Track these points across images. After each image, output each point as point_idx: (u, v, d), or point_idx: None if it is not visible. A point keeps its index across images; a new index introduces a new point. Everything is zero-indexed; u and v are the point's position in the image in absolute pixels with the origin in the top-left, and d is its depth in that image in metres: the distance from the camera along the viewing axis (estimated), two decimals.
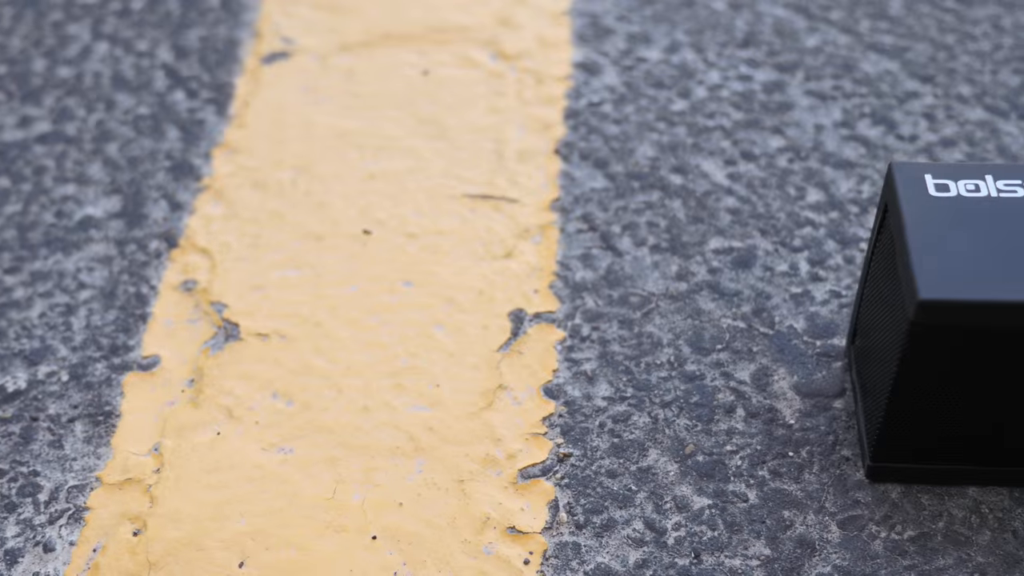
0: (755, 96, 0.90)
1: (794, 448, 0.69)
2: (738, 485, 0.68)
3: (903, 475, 0.67)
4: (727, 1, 0.97)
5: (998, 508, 0.66)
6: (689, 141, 0.87)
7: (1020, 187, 0.62)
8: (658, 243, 0.80)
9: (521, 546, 0.66)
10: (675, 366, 0.73)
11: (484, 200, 0.82)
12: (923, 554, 0.65)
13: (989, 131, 0.86)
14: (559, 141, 0.87)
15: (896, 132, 0.87)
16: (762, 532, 0.66)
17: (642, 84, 0.91)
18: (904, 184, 0.62)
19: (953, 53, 0.92)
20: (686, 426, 0.71)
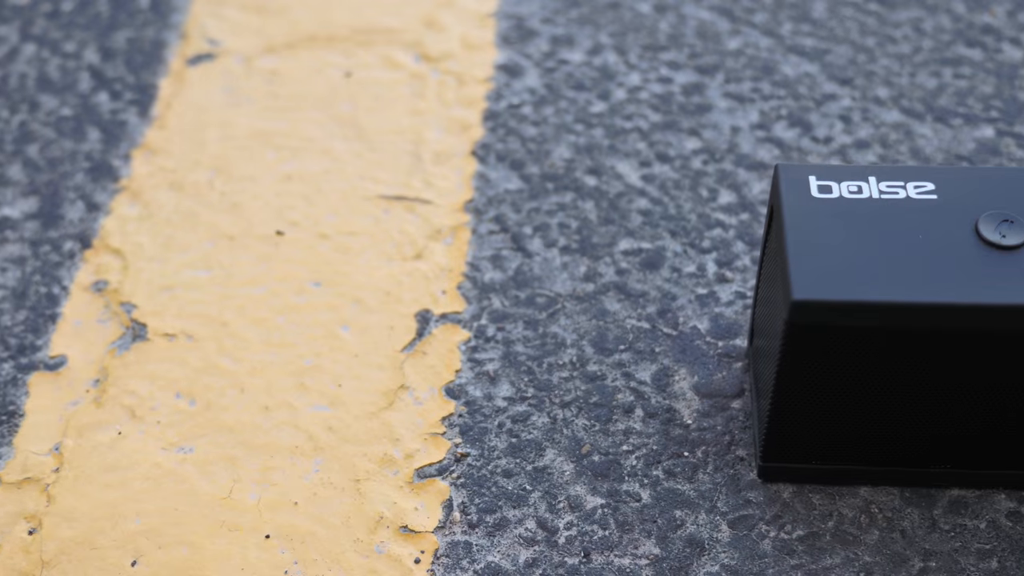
0: (674, 98, 0.90)
1: (690, 448, 0.70)
2: (632, 485, 0.68)
3: (795, 475, 0.67)
4: (652, 3, 0.98)
5: (888, 508, 0.67)
6: (606, 143, 0.87)
7: (902, 188, 0.63)
8: (568, 244, 0.80)
9: (413, 545, 0.66)
10: (577, 366, 0.74)
11: (398, 201, 0.83)
12: (811, 553, 0.65)
13: (904, 133, 0.87)
14: (476, 143, 0.87)
15: (811, 134, 0.87)
16: (653, 531, 0.66)
17: (563, 86, 0.91)
18: (788, 186, 0.63)
19: (873, 56, 0.93)
20: (584, 426, 0.71)
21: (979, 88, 0.90)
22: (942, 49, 0.93)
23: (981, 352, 0.59)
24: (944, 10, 0.96)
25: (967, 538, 0.65)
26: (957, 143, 0.86)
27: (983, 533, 0.66)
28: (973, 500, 0.67)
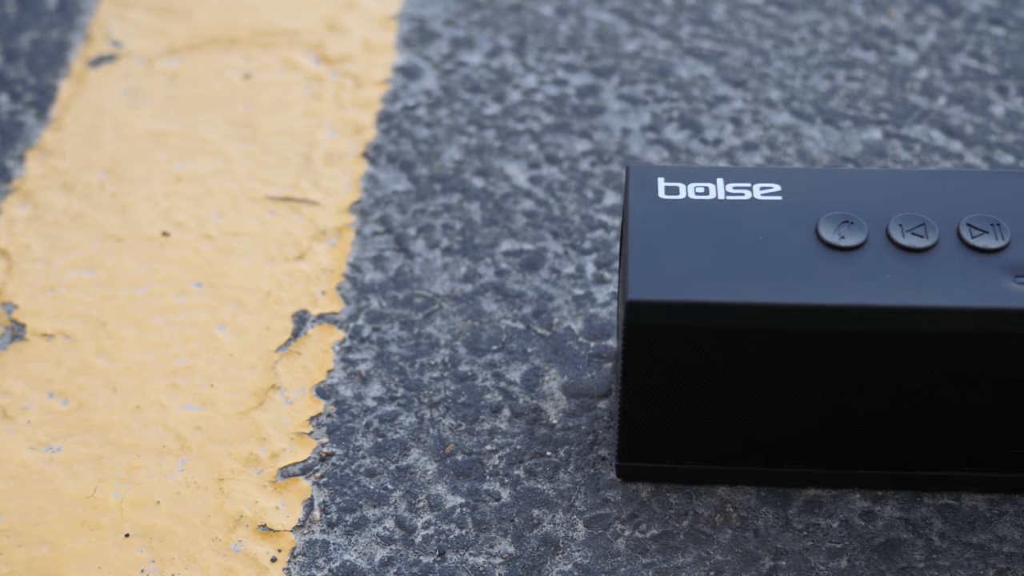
0: (568, 100, 0.91)
1: (553, 448, 0.70)
2: (492, 484, 0.69)
3: (653, 474, 0.68)
4: (554, 6, 0.98)
5: (743, 507, 0.67)
6: (497, 145, 0.87)
7: (748, 190, 0.63)
8: (451, 245, 0.81)
9: (271, 544, 0.66)
10: (448, 367, 0.74)
11: (285, 203, 0.83)
12: (663, 552, 0.66)
13: (792, 135, 0.87)
14: (368, 144, 0.88)
15: (701, 136, 0.88)
16: (509, 530, 0.67)
17: (459, 88, 0.92)
18: (636, 187, 0.63)
19: (768, 58, 0.93)
20: (451, 426, 0.72)
21: (871, 91, 0.90)
22: (837, 52, 0.94)
23: (822, 352, 0.60)
24: (843, 13, 0.97)
25: (819, 537, 0.66)
26: (844, 145, 0.86)
27: (835, 532, 0.66)
28: (828, 500, 0.68)
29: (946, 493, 0.68)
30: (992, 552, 0.65)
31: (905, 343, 0.59)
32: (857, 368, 0.61)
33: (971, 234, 0.60)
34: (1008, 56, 0.92)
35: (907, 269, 0.59)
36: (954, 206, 0.62)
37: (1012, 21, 0.96)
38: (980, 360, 0.60)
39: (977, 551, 0.65)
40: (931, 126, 0.87)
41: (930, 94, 0.90)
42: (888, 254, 0.60)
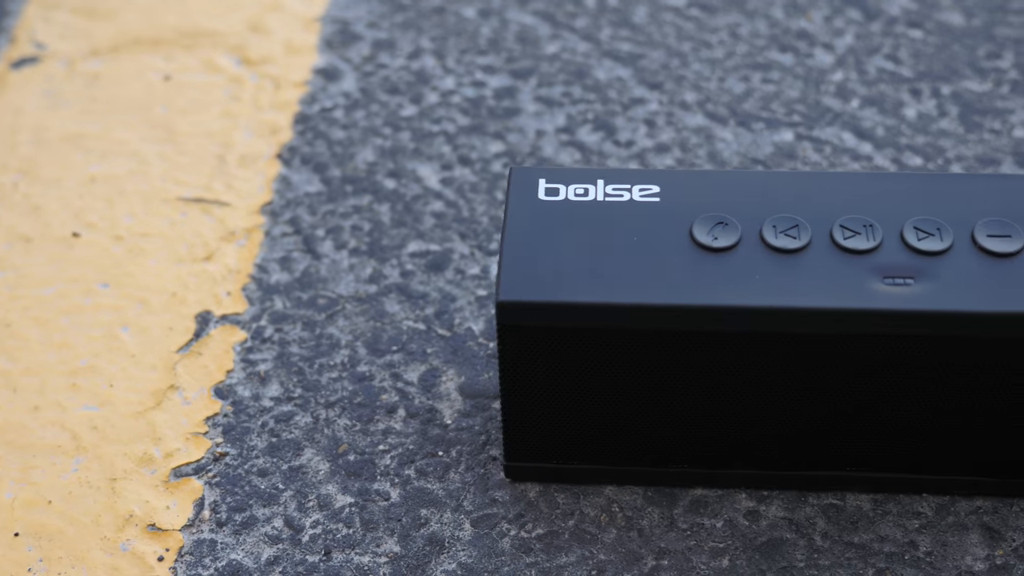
0: (484, 102, 0.91)
1: (445, 448, 0.71)
2: (383, 484, 0.69)
3: (541, 474, 0.68)
4: (477, 8, 0.98)
5: (630, 507, 0.68)
6: (411, 146, 0.88)
7: (627, 191, 0.63)
8: (358, 246, 0.81)
9: (159, 543, 0.67)
10: (347, 367, 0.75)
11: (196, 204, 0.84)
12: (547, 552, 0.66)
13: (704, 137, 0.88)
14: (284, 146, 0.88)
15: (614, 138, 0.88)
16: (396, 530, 0.67)
17: (377, 90, 0.92)
18: (516, 188, 0.64)
19: (686, 61, 0.94)
20: (345, 426, 0.72)
21: (785, 93, 0.91)
22: (755, 54, 0.94)
23: (693, 353, 0.60)
24: (763, 15, 0.97)
25: (702, 536, 0.66)
26: (755, 147, 0.87)
27: (719, 532, 0.66)
28: (714, 500, 0.68)
29: (831, 493, 0.68)
30: (873, 552, 0.65)
31: (775, 343, 0.59)
32: (729, 368, 0.61)
33: (843, 235, 0.61)
34: (923, 59, 0.93)
35: (778, 270, 0.59)
36: (829, 208, 0.62)
37: (930, 24, 0.96)
38: (849, 360, 0.60)
39: (858, 551, 0.65)
40: (843, 128, 0.88)
41: (844, 96, 0.90)
42: (760, 255, 0.60)
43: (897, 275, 0.59)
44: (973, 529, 0.66)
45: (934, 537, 0.66)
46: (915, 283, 0.59)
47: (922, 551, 0.65)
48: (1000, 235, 0.60)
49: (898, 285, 0.59)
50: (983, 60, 0.93)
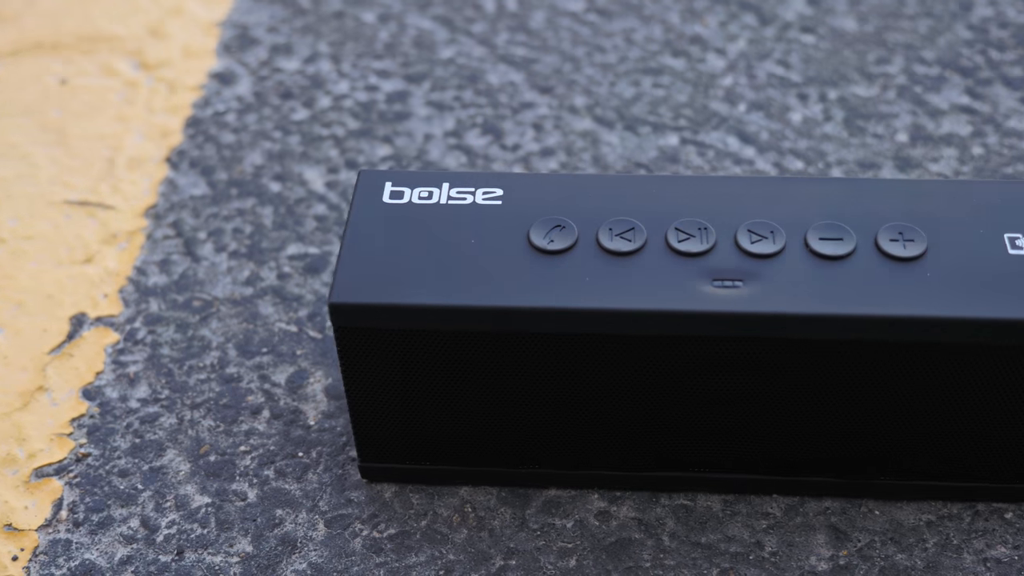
0: (376, 106, 0.92)
1: (305, 449, 0.71)
2: (241, 484, 0.70)
3: (397, 475, 0.69)
4: (377, 13, 0.99)
5: (483, 507, 0.68)
6: (299, 150, 0.89)
7: (471, 194, 0.64)
8: (238, 249, 0.82)
9: (13, 543, 0.67)
10: (216, 369, 0.75)
11: (82, 207, 0.84)
12: (398, 552, 0.67)
13: (590, 141, 0.88)
14: (173, 149, 0.89)
15: (501, 142, 0.89)
16: (250, 530, 0.68)
17: (271, 94, 0.93)
18: (362, 192, 0.64)
19: (579, 65, 0.94)
20: (209, 427, 0.72)
21: (674, 97, 0.91)
22: (647, 59, 0.95)
23: (528, 355, 0.61)
24: (659, 20, 0.98)
25: (552, 537, 0.67)
26: (640, 151, 0.87)
27: (568, 532, 0.67)
28: (567, 500, 0.68)
29: (683, 494, 0.68)
30: (719, 552, 0.66)
31: (606, 345, 0.60)
32: (566, 370, 0.61)
33: (678, 238, 0.61)
34: (813, 64, 0.94)
35: (610, 272, 0.60)
36: (667, 211, 0.63)
37: (823, 29, 0.97)
38: (682, 362, 0.61)
39: (704, 551, 0.66)
40: (728, 132, 0.88)
41: (732, 101, 0.91)
42: (594, 257, 0.61)
43: (727, 278, 0.59)
44: (820, 529, 0.67)
45: (781, 537, 0.66)
46: (744, 285, 0.59)
47: (767, 551, 0.66)
48: (832, 238, 0.61)
49: (727, 288, 0.59)
50: (872, 65, 0.93)
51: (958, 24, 0.96)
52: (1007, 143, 0.87)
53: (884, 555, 0.65)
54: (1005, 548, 0.65)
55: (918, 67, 0.93)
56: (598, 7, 0.99)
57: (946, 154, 0.86)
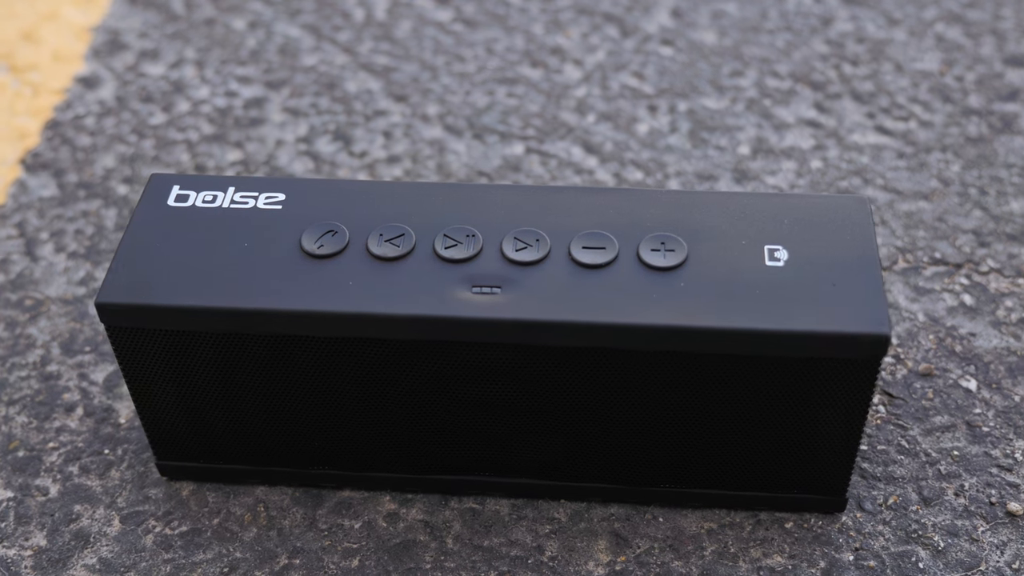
0: (233, 111, 0.93)
1: (112, 447, 0.73)
2: (45, 480, 0.71)
3: (194, 473, 0.70)
4: (247, 21, 1.01)
5: (276, 507, 0.69)
6: (152, 154, 0.90)
7: (254, 199, 0.65)
8: (77, 250, 0.83)
9: None
10: (38, 366, 0.77)
11: None
12: (186, 549, 0.68)
13: (437, 149, 0.89)
14: (29, 151, 0.90)
15: (350, 148, 0.90)
16: (47, 524, 0.69)
17: (133, 98, 0.94)
18: (149, 194, 0.66)
19: (437, 74, 0.96)
20: (23, 423, 0.74)
21: (525, 107, 0.92)
22: (505, 69, 0.96)
23: (297, 357, 0.62)
24: (523, 32, 0.99)
25: (339, 537, 0.68)
26: (485, 159, 0.89)
27: (355, 533, 0.68)
28: (359, 501, 0.70)
29: (473, 498, 0.70)
30: (499, 555, 0.67)
31: (371, 349, 0.61)
32: (340, 373, 0.63)
33: (444, 244, 0.62)
34: (667, 76, 0.95)
35: (375, 277, 0.61)
36: (438, 218, 0.64)
37: (682, 42, 0.98)
38: (444, 368, 0.62)
39: (485, 554, 0.67)
40: (573, 142, 0.89)
41: (582, 111, 0.92)
42: (361, 263, 0.62)
43: (485, 284, 0.61)
44: (602, 535, 0.68)
45: (563, 542, 0.67)
46: (501, 292, 0.60)
47: (547, 555, 0.67)
48: (595, 247, 0.62)
49: (484, 294, 0.60)
50: (725, 78, 0.94)
51: (816, 39, 0.97)
52: (846, 157, 0.87)
53: (661, 562, 0.66)
54: (781, 557, 0.66)
55: (770, 80, 0.94)
56: (464, 17, 1.01)
57: (785, 167, 0.87)
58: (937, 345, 0.76)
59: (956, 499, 0.68)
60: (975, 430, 0.71)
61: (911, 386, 0.74)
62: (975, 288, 0.79)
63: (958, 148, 0.88)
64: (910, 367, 0.74)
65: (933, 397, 0.73)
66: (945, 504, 0.68)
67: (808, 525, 0.67)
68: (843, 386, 0.60)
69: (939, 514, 0.67)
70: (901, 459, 0.70)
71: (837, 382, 0.60)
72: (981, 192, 0.85)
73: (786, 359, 0.59)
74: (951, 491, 0.68)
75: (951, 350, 0.75)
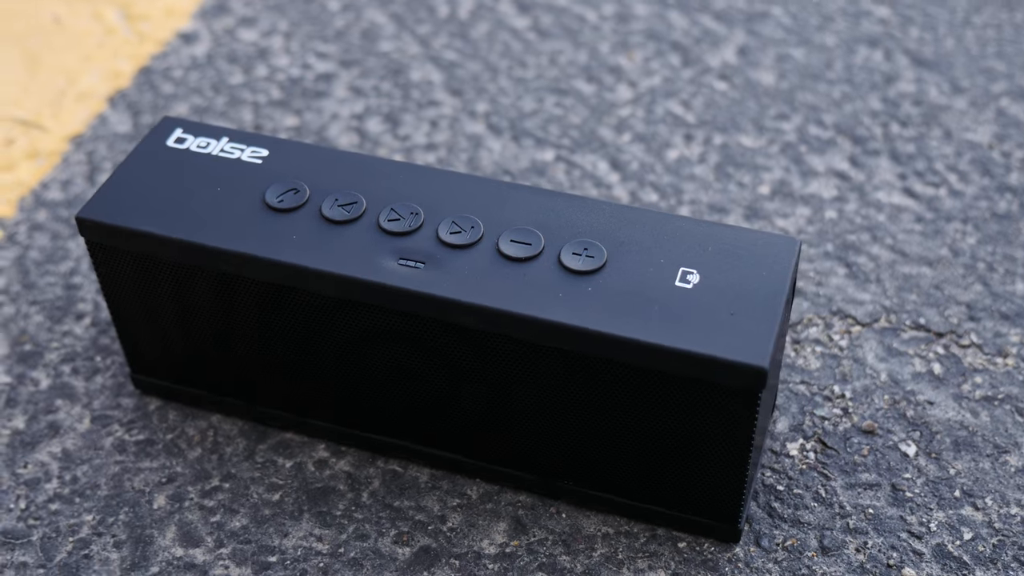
0: (303, 82, 1.00)
1: (104, 356, 0.80)
2: (40, 373, 0.79)
3: (162, 391, 0.77)
4: (342, 3, 1.08)
5: (224, 435, 0.75)
6: (221, 110, 0.98)
7: (240, 151, 0.71)
8: None
9: None
10: (65, 276, 0.85)
11: (21, 124, 0.96)
12: (137, 455, 0.75)
13: (474, 144, 0.94)
14: (119, 91, 1.00)
15: (395, 131, 0.95)
16: (29, 412, 0.77)
17: (220, 58, 1.03)
18: (154, 133, 0.73)
19: (496, 76, 1.00)
20: (37, 322, 0.82)
21: (568, 118, 0.96)
22: (561, 80, 1.00)
23: (244, 298, 0.68)
24: (589, 47, 1.03)
25: (269, 472, 0.73)
26: (514, 160, 0.93)
27: (285, 471, 0.73)
28: (297, 444, 0.75)
29: (398, 461, 0.74)
30: (405, 517, 0.71)
31: (300, 299, 0.66)
32: (274, 318, 0.68)
33: (388, 217, 0.67)
34: (713, 108, 0.96)
35: (319, 236, 0.66)
36: (394, 193, 0.68)
37: (740, 79, 0.99)
38: (360, 328, 0.66)
39: (392, 513, 0.71)
40: (602, 157, 0.92)
41: (620, 130, 0.95)
42: (310, 221, 0.67)
43: (412, 258, 0.65)
44: (504, 518, 0.71)
45: (466, 517, 0.71)
46: (424, 268, 0.64)
47: (448, 526, 0.70)
48: (522, 242, 0.65)
49: (408, 266, 0.65)
50: (769, 119, 0.95)
51: (873, 95, 0.97)
52: (863, 212, 0.88)
53: (550, 553, 0.69)
54: (664, 573, 0.68)
55: (813, 128, 0.94)
56: (540, 27, 1.05)
57: (798, 212, 0.88)
58: (889, 406, 0.75)
59: (856, 554, 0.68)
60: (898, 493, 0.71)
61: (849, 440, 0.74)
62: (948, 359, 0.78)
63: (980, 222, 0.87)
64: (854, 422, 0.75)
65: (868, 454, 0.73)
66: (843, 557, 0.68)
67: (700, 548, 0.69)
68: (723, 413, 0.62)
69: (833, 565, 0.68)
70: (814, 506, 0.71)
71: (718, 408, 0.62)
72: (989, 268, 0.83)
73: (670, 376, 0.61)
74: (853, 546, 0.69)
75: (902, 413, 0.75)
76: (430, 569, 0.68)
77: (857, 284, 0.83)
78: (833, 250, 0.85)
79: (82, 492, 0.73)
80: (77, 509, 0.72)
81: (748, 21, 1.06)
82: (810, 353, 0.79)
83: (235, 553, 0.69)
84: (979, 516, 0.70)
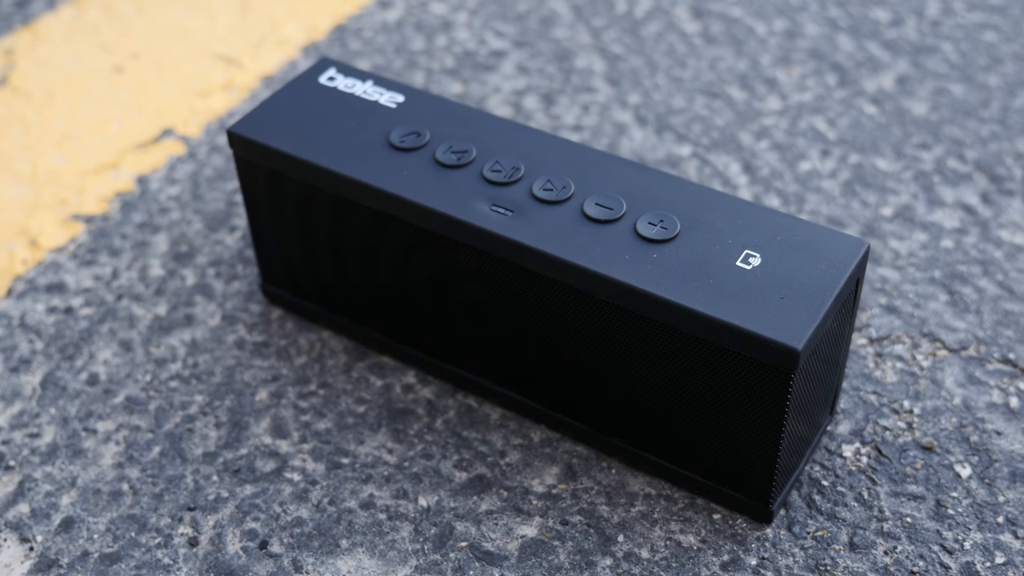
0: (476, 56, 1.07)
1: (245, 265, 0.89)
2: (188, 271, 0.89)
3: (284, 302, 0.85)
4: None
5: (330, 349, 0.83)
6: (398, 71, 1.06)
7: (380, 95, 0.79)
8: None
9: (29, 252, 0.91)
10: (229, 194, 0.95)
11: (223, 59, 1.08)
12: (252, 354, 0.83)
13: (618, 130, 0.99)
14: (312, 43, 1.10)
15: (550, 111, 1.01)
16: (172, 302, 0.87)
17: (408, 25, 1.11)
18: (312, 70, 0.82)
19: (655, 72, 1.05)
20: (198, 230, 0.92)
21: (713, 120, 0.99)
22: (715, 85, 1.03)
23: (361, 223, 0.75)
24: (751, 58, 1.06)
25: (361, 387, 0.80)
26: (651, 151, 0.97)
27: (374, 389, 0.80)
28: (390, 368, 0.82)
29: (474, 397, 0.80)
30: (468, 446, 0.77)
31: (397, 229, 0.73)
32: (376, 244, 0.75)
33: (491, 167, 0.73)
34: (857, 129, 0.98)
35: (427, 175, 0.73)
36: (502, 149, 0.74)
37: (891, 106, 1.00)
38: (446, 263, 0.72)
39: (458, 441, 0.77)
40: (736, 160, 0.96)
41: (760, 137, 0.98)
42: (424, 162, 0.74)
43: (503, 206, 0.71)
44: (558, 463, 0.76)
45: (524, 456, 0.76)
46: (512, 216, 0.70)
47: (505, 461, 0.76)
48: (604, 206, 0.70)
49: (497, 213, 0.70)
50: (910, 147, 0.96)
51: (1022, 139, 0.97)
52: (980, 247, 0.88)
53: (592, 501, 0.73)
54: (694, 538, 0.71)
55: (952, 161, 0.95)
56: (709, 33, 1.09)
57: (915, 237, 0.89)
58: (955, 428, 0.76)
59: (883, 556, 0.70)
60: (941, 509, 0.72)
61: (905, 452, 0.75)
62: None
63: None
64: (915, 436, 0.76)
65: (920, 468, 0.74)
66: (869, 556, 0.70)
67: (732, 523, 0.72)
68: (758, 389, 0.65)
69: (858, 562, 0.69)
70: (853, 505, 0.72)
71: (753, 384, 0.65)
72: None
73: (712, 345, 0.65)
74: (882, 548, 0.70)
75: (966, 437, 0.76)
76: (480, 494, 0.74)
77: (955, 312, 0.83)
78: (940, 276, 0.86)
79: (199, 376, 0.82)
80: (192, 390, 0.81)
81: (915, 52, 1.07)
82: (890, 367, 0.80)
83: (315, 450, 0.77)
84: (1017, 544, 0.70)
